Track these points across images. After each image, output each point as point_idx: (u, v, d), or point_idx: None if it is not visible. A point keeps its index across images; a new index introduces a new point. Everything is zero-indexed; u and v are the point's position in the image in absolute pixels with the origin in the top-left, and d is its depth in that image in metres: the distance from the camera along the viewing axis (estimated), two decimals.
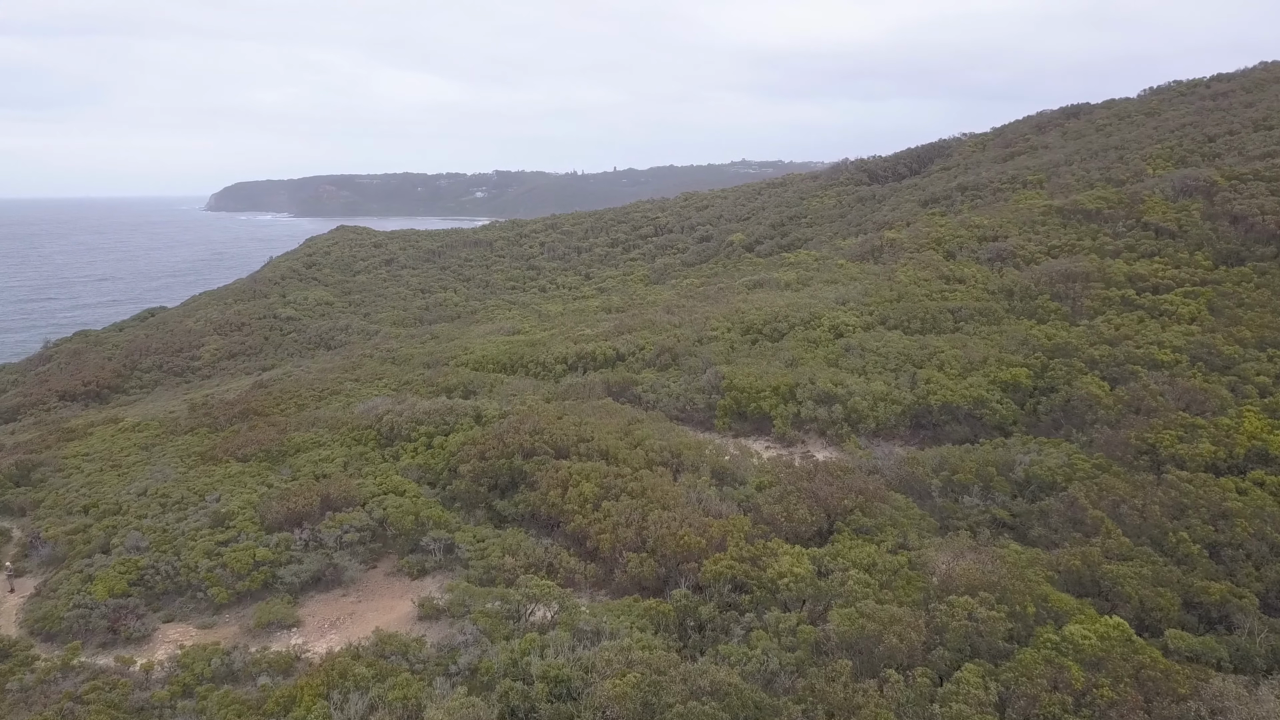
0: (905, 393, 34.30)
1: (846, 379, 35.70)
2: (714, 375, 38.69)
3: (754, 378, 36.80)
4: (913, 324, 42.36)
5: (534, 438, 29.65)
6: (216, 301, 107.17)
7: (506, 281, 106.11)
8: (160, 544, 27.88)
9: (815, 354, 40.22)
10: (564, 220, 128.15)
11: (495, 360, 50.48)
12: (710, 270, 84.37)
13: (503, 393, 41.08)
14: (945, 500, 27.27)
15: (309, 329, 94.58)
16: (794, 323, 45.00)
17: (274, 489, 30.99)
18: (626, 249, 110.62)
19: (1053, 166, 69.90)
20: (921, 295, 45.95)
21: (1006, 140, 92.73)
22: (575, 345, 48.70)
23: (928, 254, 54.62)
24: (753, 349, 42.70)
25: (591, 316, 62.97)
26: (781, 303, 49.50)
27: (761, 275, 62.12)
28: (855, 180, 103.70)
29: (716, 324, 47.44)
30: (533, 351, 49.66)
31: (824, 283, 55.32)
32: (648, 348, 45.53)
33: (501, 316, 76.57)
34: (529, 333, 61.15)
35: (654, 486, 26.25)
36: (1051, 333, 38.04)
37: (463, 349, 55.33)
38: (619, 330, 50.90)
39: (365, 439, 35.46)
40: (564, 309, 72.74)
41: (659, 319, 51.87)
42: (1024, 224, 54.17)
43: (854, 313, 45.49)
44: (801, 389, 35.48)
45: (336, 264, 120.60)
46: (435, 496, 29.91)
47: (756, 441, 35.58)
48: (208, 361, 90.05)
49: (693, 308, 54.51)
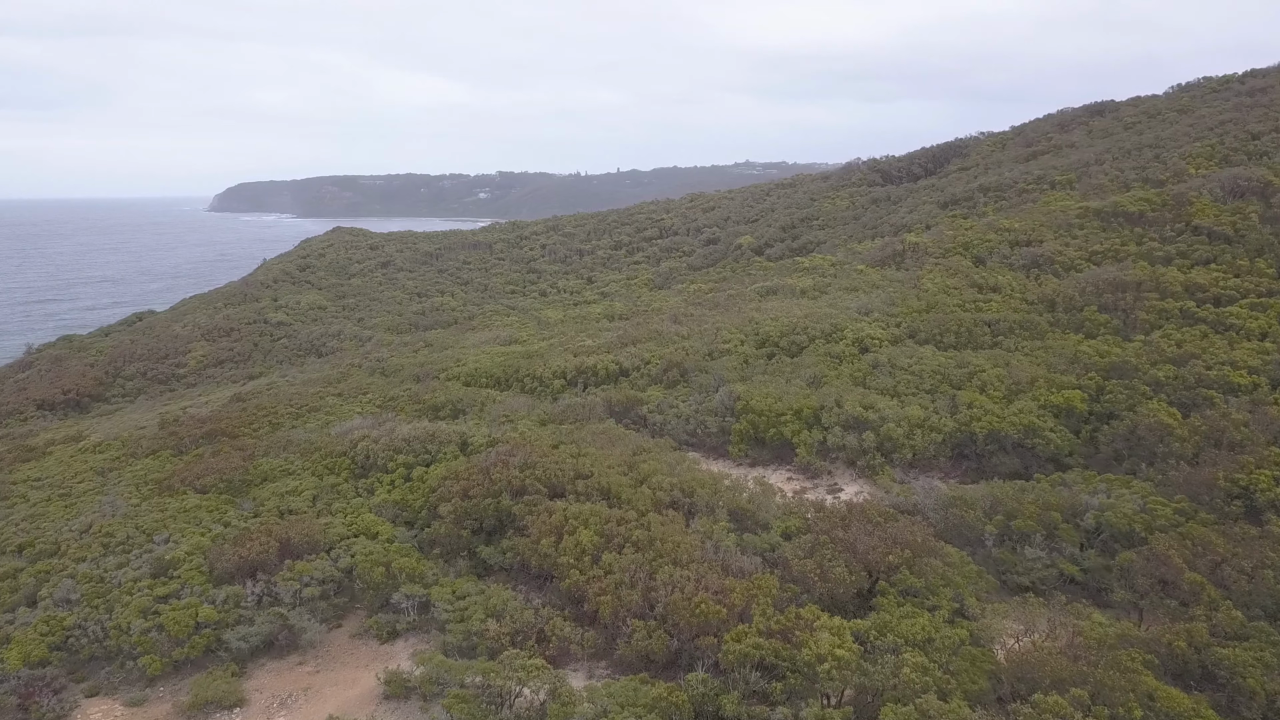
0: (945, 419, 30.43)
1: (877, 401, 31.85)
2: (727, 395, 34.87)
3: (773, 399, 32.97)
4: (946, 338, 38.48)
5: (525, 473, 25.83)
6: (206, 305, 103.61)
7: (506, 285, 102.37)
8: (93, 596, 24.10)
9: (839, 371, 36.37)
10: (566, 222, 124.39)
11: (488, 374, 46.72)
12: (718, 275, 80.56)
13: (494, 413, 37.30)
14: (1002, 551, 23.41)
15: (300, 335, 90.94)
16: (814, 335, 41.16)
17: (230, 529, 27.23)
18: (630, 252, 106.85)
19: (1082, 166, 65.99)
20: (953, 305, 42.08)
21: (1027, 139, 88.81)
22: (575, 358, 44.92)
23: (955, 259, 50.78)
24: (769, 365, 38.87)
25: (593, 325, 59.19)
26: (798, 312, 45.67)
27: (774, 281, 58.27)
28: (868, 181, 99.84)
29: (728, 336, 43.63)
30: (529, 364, 45.89)
31: (843, 290, 51.48)
32: (654, 362, 41.73)
33: (499, 323, 72.83)
34: (526, 342, 57.38)
35: (663, 536, 22.43)
36: (1104, 349, 34.16)
37: (454, 360, 51.58)
38: (622, 342, 47.11)
39: (338, 468, 31.67)
40: (564, 316, 68.99)
41: (665, 329, 48.07)
42: (1059, 227, 50.28)
43: (879, 324, 41.65)
44: (827, 413, 31.65)
45: (331, 266, 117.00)
46: (412, 540, 26.10)
47: (776, 471, 31.76)
48: (193, 369, 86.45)
49: (702, 317, 50.69)
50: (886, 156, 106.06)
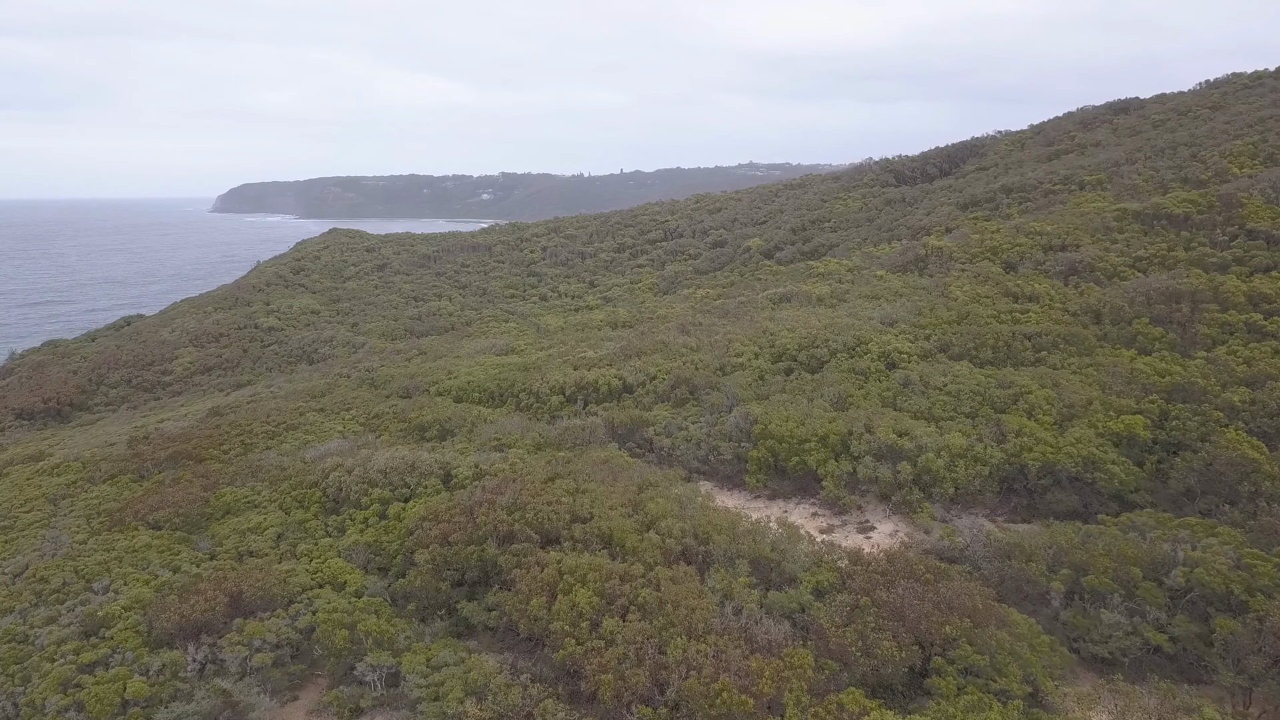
0: (991, 448, 26.94)
1: (913, 427, 28.37)
2: (742, 417, 31.41)
3: (794, 423, 29.50)
4: (982, 353, 34.98)
5: (513, 516, 22.40)
6: (196, 310, 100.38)
7: (505, 289, 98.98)
8: (10, 662, 20.71)
9: (866, 391, 32.89)
10: (567, 224, 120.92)
11: (482, 388, 43.33)
12: (726, 279, 77.12)
13: (485, 435, 33.88)
14: (1073, 613, 19.92)
15: (291, 340, 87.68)
16: (835, 348, 37.69)
17: (179, 576, 23.83)
18: (634, 254, 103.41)
19: (1112, 165, 62.44)
20: (987, 316, 38.58)
21: (1048, 138, 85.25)
22: (575, 372, 41.51)
23: (983, 265, 47.28)
24: (788, 382, 35.40)
25: (594, 334, 55.77)
26: (817, 322, 42.21)
27: (788, 287, 54.80)
28: (881, 181, 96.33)
29: (741, 348, 40.18)
30: (525, 378, 42.48)
31: (863, 298, 47.99)
32: (660, 377, 38.31)
33: (496, 330, 69.44)
34: (524, 352, 53.98)
35: (675, 598, 18.98)
36: (1163, 367, 30.66)
37: (446, 373, 48.18)
38: (626, 353, 43.68)
39: (308, 501, 28.26)
40: (565, 322, 65.60)
41: (672, 340, 44.64)
42: (1096, 231, 46.75)
43: (907, 337, 38.17)
44: (856, 440, 28.18)
45: (326, 269, 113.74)
46: (384, 592, 22.67)
47: (800, 506, 28.32)
48: (180, 376, 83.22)
49: (712, 326, 47.24)
50: (899, 156, 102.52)
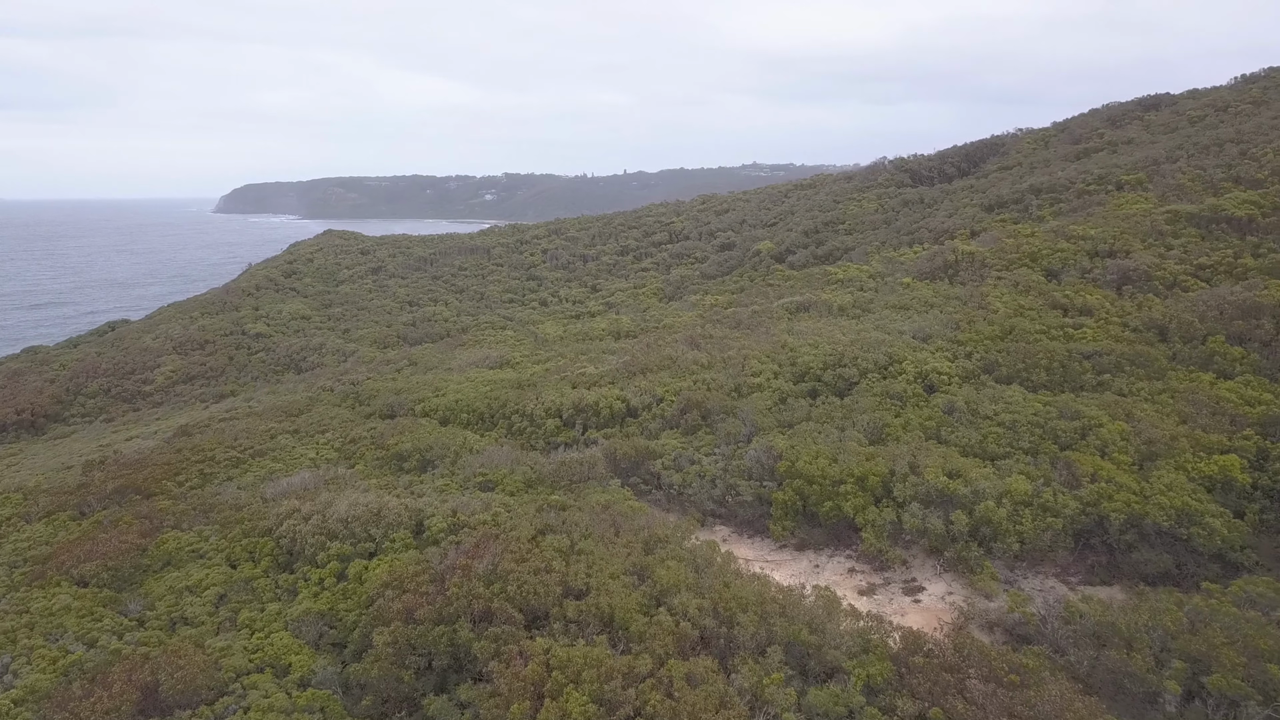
0: (1062, 495, 22.80)
1: (965, 467, 24.25)
2: (764, 451, 27.32)
3: (825, 460, 25.40)
4: (1035, 375, 30.83)
5: (493, 589, 18.32)
6: (182, 315, 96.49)
7: (503, 294, 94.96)
8: None
9: (905, 419, 28.77)
10: (569, 225, 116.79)
11: (471, 408, 39.29)
12: (735, 284, 72.99)
13: (469, 468, 29.82)
14: None
15: (279, 348, 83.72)
16: (865, 367, 33.57)
17: (93, 654, 19.81)
18: (638, 258, 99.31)
19: (1151, 164, 58.23)
20: (1035, 332, 34.44)
21: (1074, 135, 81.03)
22: (573, 391, 37.46)
23: (1022, 272, 43.13)
24: (813, 407, 31.28)
25: (596, 345, 51.70)
26: (841, 336, 38.10)
27: (805, 295, 50.68)
28: (896, 182, 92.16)
29: (759, 366, 36.08)
30: (518, 398, 38.45)
31: (890, 308, 43.86)
32: (668, 399, 34.23)
33: (492, 339, 65.40)
34: (519, 365, 49.93)
35: (693, 707, 14.90)
36: (1251, 395, 26.53)
37: (434, 389, 44.14)
38: (629, 370, 39.61)
39: (260, 553, 24.21)
40: (564, 331, 61.56)
41: (681, 355, 40.54)
42: (1146, 235, 42.59)
43: (945, 355, 34.05)
44: (900, 482, 24.08)
45: (319, 272, 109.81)
46: (336, 679, 18.59)
47: (834, 559, 24.24)
48: (161, 386, 79.29)
49: (724, 339, 43.13)
50: (915, 155, 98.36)
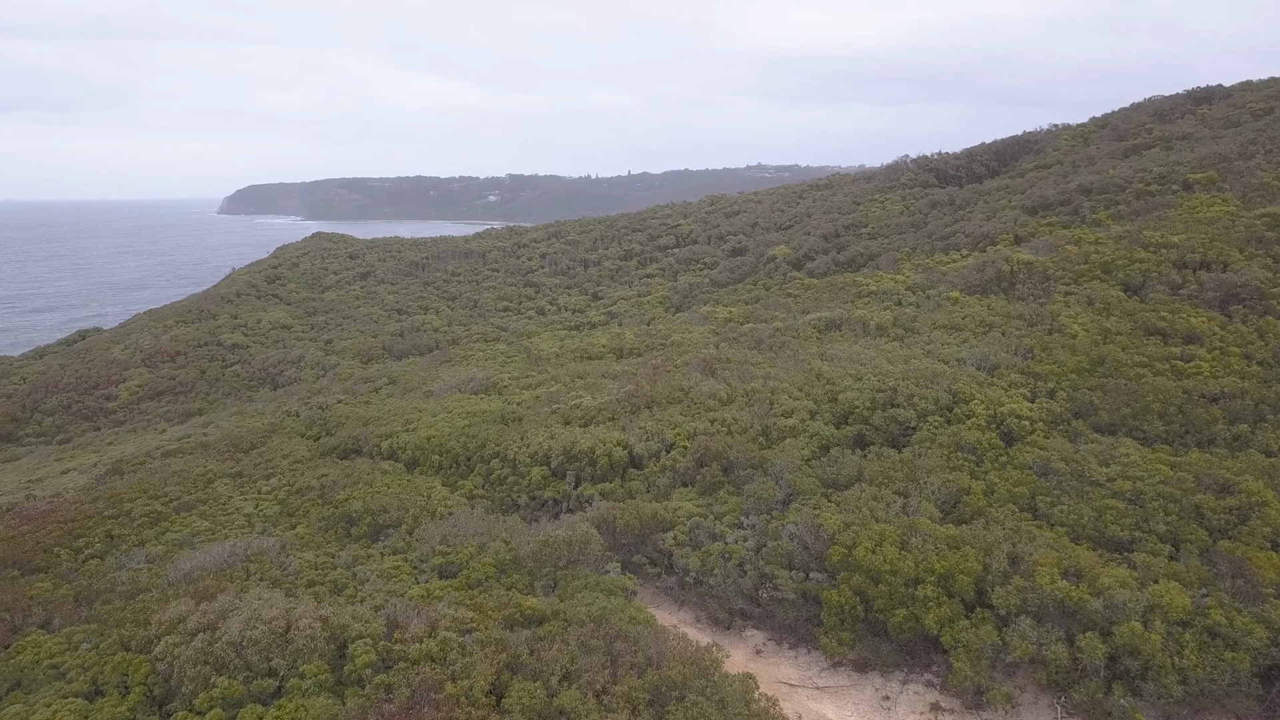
0: (1239, 617, 16.36)
1: (1091, 565, 17.82)
2: (809, 528, 20.93)
3: (893, 547, 19.01)
4: (1148, 424, 24.36)
5: None
6: (155, 323, 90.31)
7: (498, 301, 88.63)
8: None
9: (987, 482, 22.35)
10: (569, 228, 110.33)
11: (444, 448, 33.00)
12: (749, 293, 66.57)
13: (430, 541, 23.48)
14: None
15: (255, 361, 77.46)
16: (924, 407, 27.16)
17: None
18: (642, 263, 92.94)
19: (1221, 161, 51.74)
20: (1134, 364, 27.96)
21: (1118, 131, 74.51)
22: (565, 430, 31.13)
23: (1095, 286, 36.69)
24: (865, 461, 24.84)
25: (595, 366, 45.30)
26: (888, 365, 31.68)
27: (835, 311, 44.22)
28: (920, 182, 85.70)
29: (790, 401, 29.69)
30: (501, 437, 32.14)
31: (938, 328, 37.43)
32: (680, 445, 27.86)
33: (481, 355, 59.05)
34: (507, 389, 43.58)
35: None
36: None
37: (405, 421, 37.81)
38: (633, 403, 33.22)
39: (132, 678, 17.85)
40: (560, 348, 55.22)
41: (694, 384, 34.13)
42: (1244, 243, 36.12)
43: (1020, 391, 27.62)
44: (1000, 585, 17.68)
45: (304, 277, 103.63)
46: None
47: (909, 686, 17.86)
48: (125, 402, 73.08)
49: (744, 364, 36.67)
50: (939, 154, 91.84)
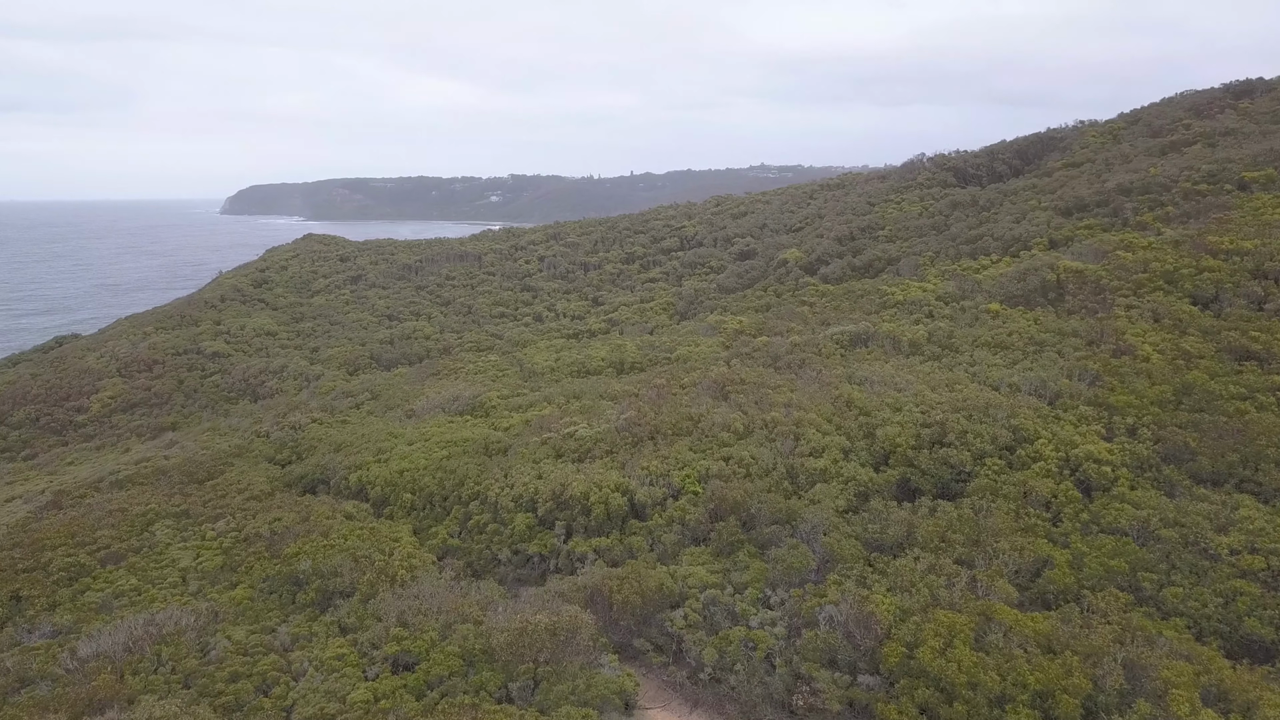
0: None
1: (1241, 689, 13.48)
2: (855, 615, 16.64)
3: (965, 646, 14.69)
4: (1264, 473, 19.99)
5: None
6: (134, 329, 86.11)
7: (493, 306, 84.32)
8: None
9: (1073, 551, 17.98)
10: (569, 229, 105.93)
11: (417, 485, 28.76)
12: (760, 300, 62.27)
13: (385, 620, 19.19)
14: None
15: (235, 371, 73.22)
16: (979, 447, 22.81)
17: None
18: (645, 266, 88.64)
19: (1278, 159, 47.32)
20: (1229, 396, 23.59)
21: (1153, 127, 70.06)
22: (556, 468, 26.84)
23: (1157, 298, 32.34)
24: (915, 518, 20.48)
25: (592, 385, 40.97)
26: (930, 393, 27.33)
27: (859, 323, 39.83)
28: (939, 181, 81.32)
29: (818, 436, 25.36)
30: (482, 473, 27.88)
31: (980, 345, 33.06)
32: (690, 490, 23.55)
33: (471, 368, 54.76)
34: (495, 411, 39.31)
35: None
36: None
37: (377, 451, 33.53)
38: (634, 433, 28.90)
39: None
40: (556, 361, 50.91)
41: (705, 412, 29.79)
42: None
43: (1093, 427, 23.28)
44: (1116, 708, 13.34)
45: (292, 281, 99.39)
46: None
47: None
48: (96, 415, 68.85)
49: (761, 386, 32.29)
50: (958, 152, 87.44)
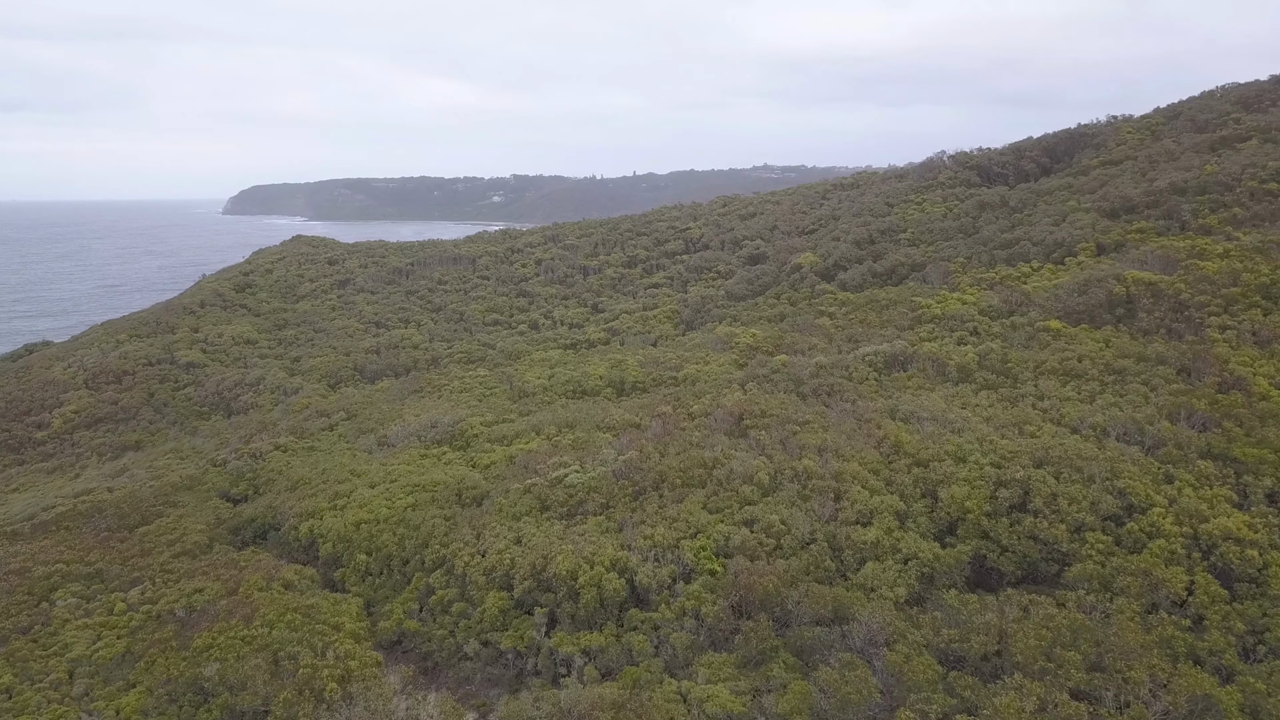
0: None
1: None
2: None
3: None
4: None
5: None
6: (107, 336, 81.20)
7: (486, 314, 79.30)
8: None
9: (1245, 690, 12.94)
10: (568, 231, 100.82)
11: (376, 543, 23.84)
12: (773, 309, 57.24)
13: None
14: None
15: (209, 382, 68.22)
16: (1076, 517, 17.80)
17: None
18: (648, 270, 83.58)
19: None
20: None
21: (1196, 122, 64.97)
22: (537, 533, 21.84)
23: (1253, 317, 27.35)
24: (1003, 614, 15.44)
25: (589, 410, 35.95)
26: (998, 437, 22.29)
27: (894, 342, 34.68)
28: (962, 180, 76.24)
29: (864, 496, 20.33)
30: (451, 532, 22.95)
31: (1044, 372, 27.97)
32: (704, 569, 18.57)
33: (457, 384, 49.75)
34: (475, 442, 34.32)
35: None
36: None
37: (334, 497, 28.54)
38: (635, 480, 23.87)
39: None
40: (550, 379, 45.93)
41: (720, 454, 24.74)
42: None
43: (1216, 488, 18.23)
44: None
45: (277, 285, 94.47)
46: None
47: None
48: (57, 431, 63.89)
49: (785, 419, 27.18)
50: (980, 149, 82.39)
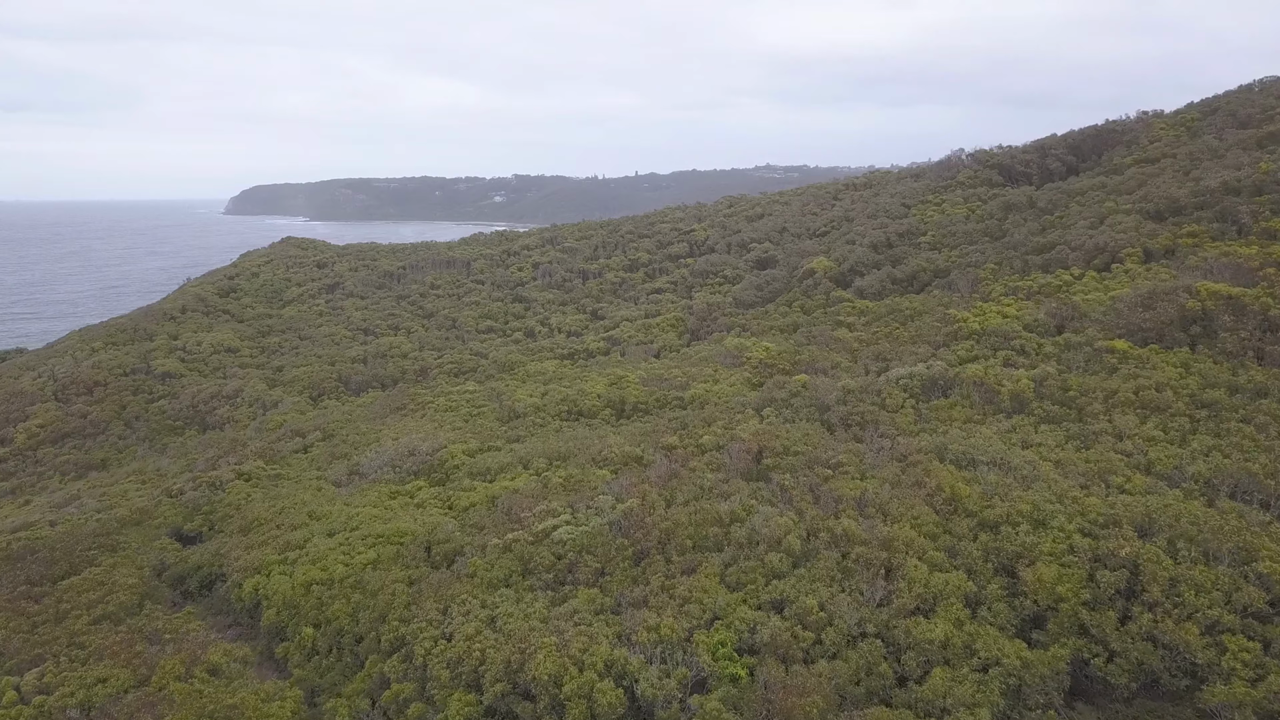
0: None
1: None
2: None
3: None
4: None
5: None
6: (82, 345, 77.19)
7: (480, 320, 75.20)
8: None
9: None
10: (566, 233, 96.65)
11: (326, 614, 19.82)
12: (785, 317, 53.14)
13: None
14: None
15: (185, 394, 64.11)
16: (1208, 613, 13.67)
17: None
18: (650, 275, 79.46)
19: None
20: None
21: (1237, 118, 60.78)
22: (515, 616, 17.81)
23: None
24: None
25: (584, 439, 31.85)
26: (1080, 492, 18.18)
27: (930, 363, 30.49)
28: (983, 180, 72.08)
29: (920, 566, 16.26)
30: (413, 604, 18.98)
31: (1117, 404, 23.86)
32: (725, 676, 14.46)
33: (442, 403, 45.67)
34: (454, 475, 30.23)
35: None
36: None
37: (284, 548, 24.47)
38: (635, 539, 19.85)
39: None
40: (543, 397, 41.89)
41: (737, 509, 20.65)
42: None
43: None
44: None
45: (263, 290, 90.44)
46: None
47: None
48: (20, 447, 59.88)
49: (812, 459, 23.05)
50: (1002, 147, 78.16)
